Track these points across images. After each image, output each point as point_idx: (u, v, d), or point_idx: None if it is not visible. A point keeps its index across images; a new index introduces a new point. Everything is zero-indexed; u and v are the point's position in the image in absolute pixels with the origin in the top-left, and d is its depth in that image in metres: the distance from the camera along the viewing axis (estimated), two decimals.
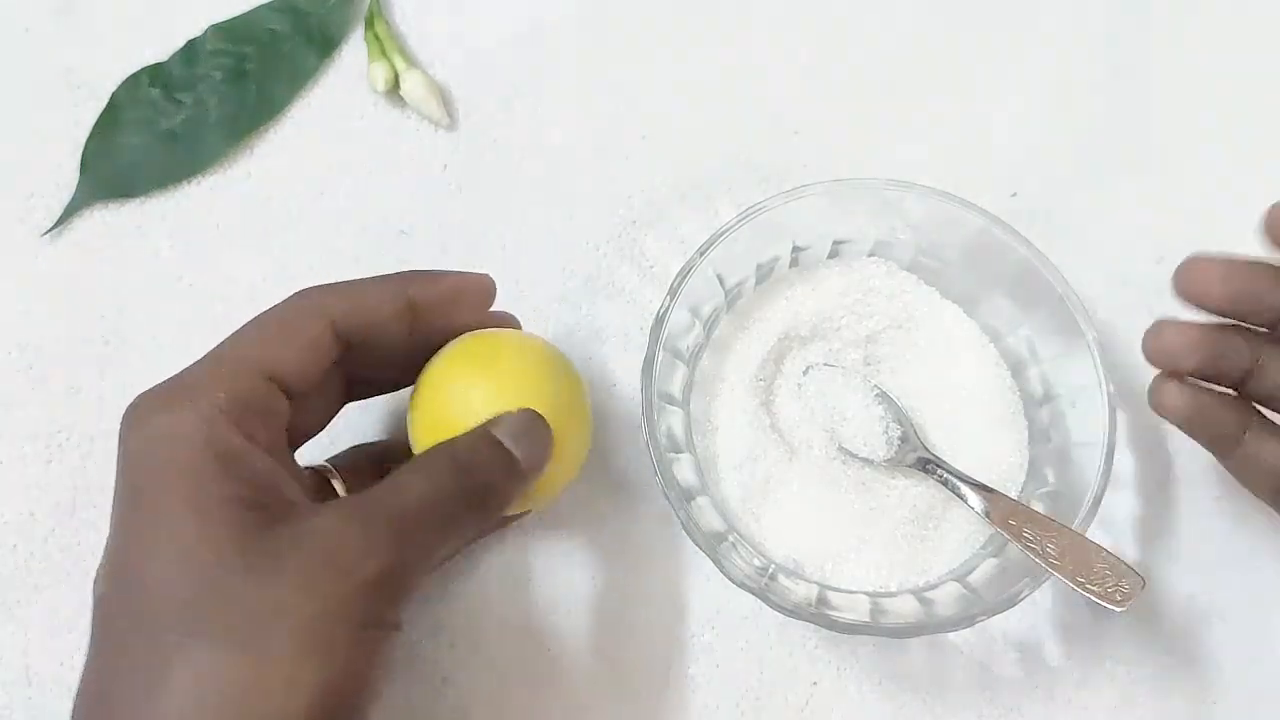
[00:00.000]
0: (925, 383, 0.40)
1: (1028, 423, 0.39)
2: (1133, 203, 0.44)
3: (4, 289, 0.42)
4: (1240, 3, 0.47)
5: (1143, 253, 0.43)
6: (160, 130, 0.44)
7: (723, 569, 0.33)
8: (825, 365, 0.39)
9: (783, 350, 0.39)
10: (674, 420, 0.37)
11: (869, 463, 0.38)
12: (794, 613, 0.33)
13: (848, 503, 0.37)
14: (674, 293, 0.36)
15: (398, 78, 0.44)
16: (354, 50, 0.46)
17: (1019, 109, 0.46)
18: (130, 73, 0.44)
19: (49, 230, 0.42)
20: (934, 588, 0.36)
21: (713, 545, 0.34)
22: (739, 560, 0.35)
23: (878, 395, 0.39)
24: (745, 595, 0.33)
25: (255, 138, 0.44)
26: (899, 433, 0.38)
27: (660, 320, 0.36)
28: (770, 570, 0.35)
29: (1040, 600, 0.38)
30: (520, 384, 0.32)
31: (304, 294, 0.31)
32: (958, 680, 0.37)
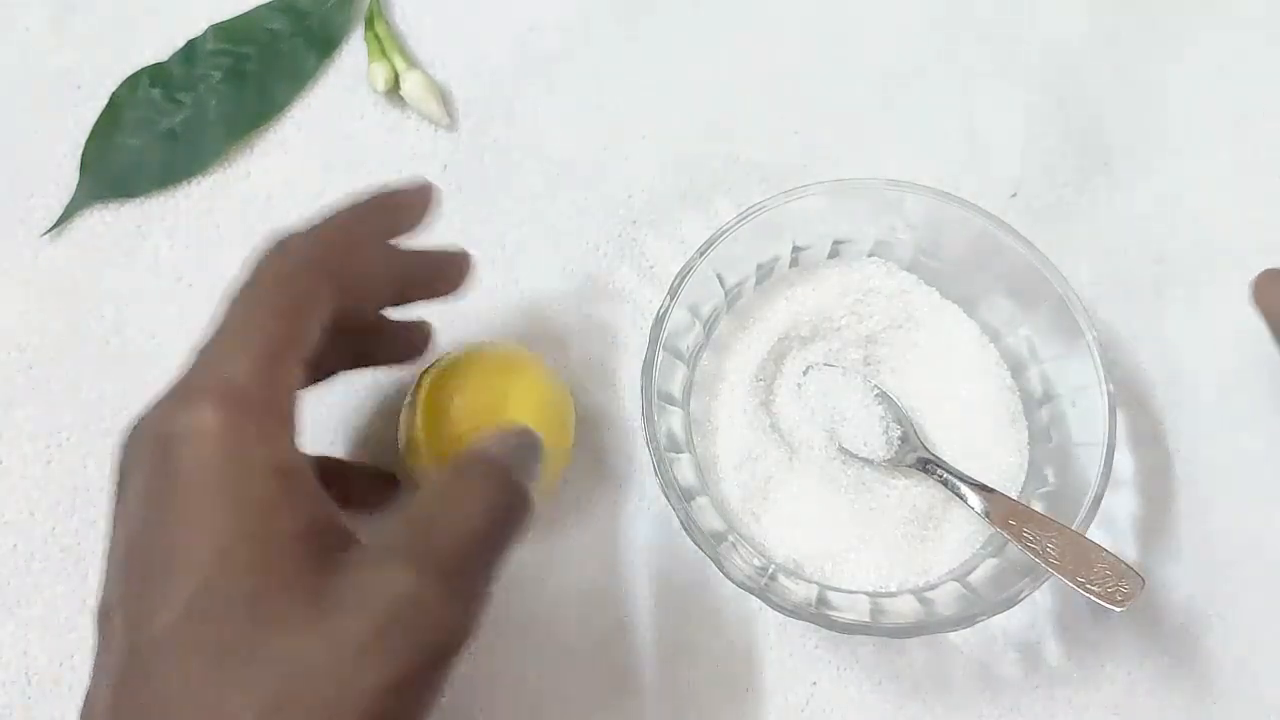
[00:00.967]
0: (925, 383, 0.40)
1: (1028, 423, 0.38)
2: (1133, 203, 0.44)
3: (4, 289, 0.42)
4: (1240, 3, 0.48)
5: (1143, 253, 0.43)
6: (160, 130, 0.44)
7: (723, 569, 0.33)
8: (825, 365, 0.39)
9: (783, 350, 0.39)
10: (674, 420, 0.37)
11: (869, 463, 0.38)
12: (794, 613, 0.33)
13: (848, 503, 0.37)
14: (674, 293, 0.36)
15: (398, 78, 0.44)
16: (354, 50, 0.46)
17: (1019, 109, 0.46)
18: (130, 73, 0.44)
19: (49, 230, 0.42)
20: (934, 588, 0.36)
21: (713, 545, 0.34)
22: (739, 560, 0.35)
23: (878, 395, 0.39)
24: (745, 595, 0.33)
25: (255, 138, 0.44)
26: (899, 433, 0.38)
27: (660, 320, 0.36)
28: (770, 570, 0.35)
29: (1040, 600, 0.38)
30: (523, 404, 0.35)
31: (296, 272, 0.28)
32: (958, 680, 0.37)
